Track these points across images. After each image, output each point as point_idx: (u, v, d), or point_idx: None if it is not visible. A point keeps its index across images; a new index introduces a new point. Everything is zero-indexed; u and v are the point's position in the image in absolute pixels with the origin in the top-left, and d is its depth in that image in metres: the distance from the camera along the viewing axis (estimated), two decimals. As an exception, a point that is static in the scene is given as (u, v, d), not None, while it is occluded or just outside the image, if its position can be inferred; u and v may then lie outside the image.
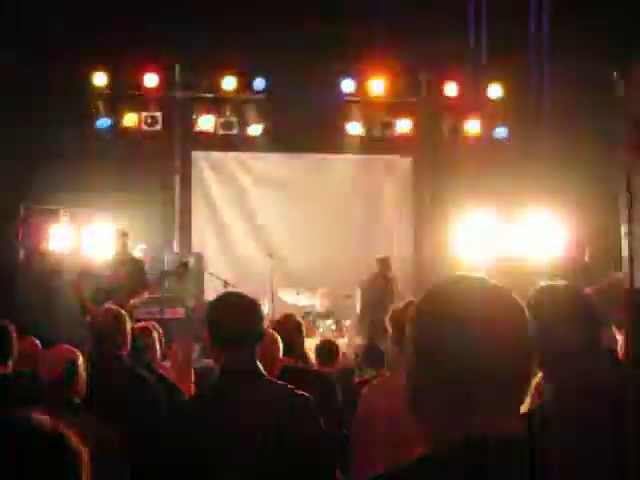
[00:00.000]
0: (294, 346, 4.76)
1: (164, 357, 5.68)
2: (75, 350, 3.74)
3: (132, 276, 8.92)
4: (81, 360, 3.67)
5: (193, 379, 5.37)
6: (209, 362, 5.25)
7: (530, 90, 10.88)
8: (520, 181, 10.71)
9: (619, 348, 5.23)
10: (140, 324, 5.57)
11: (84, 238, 10.39)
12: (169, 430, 3.06)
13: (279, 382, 3.13)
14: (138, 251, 9.81)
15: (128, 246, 9.14)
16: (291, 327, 4.85)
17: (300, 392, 3.02)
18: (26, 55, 9.51)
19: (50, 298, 9.76)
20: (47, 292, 9.83)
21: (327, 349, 6.00)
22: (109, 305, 5.51)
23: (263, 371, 3.02)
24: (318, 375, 4.92)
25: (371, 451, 3.39)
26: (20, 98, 9.66)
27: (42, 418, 1.54)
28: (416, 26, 10.05)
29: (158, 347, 5.29)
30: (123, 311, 4.70)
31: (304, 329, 5.09)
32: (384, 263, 10.49)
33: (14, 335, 4.38)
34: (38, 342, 5.30)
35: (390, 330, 3.82)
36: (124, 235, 9.09)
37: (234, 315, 3.00)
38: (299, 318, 5.13)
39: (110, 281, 8.82)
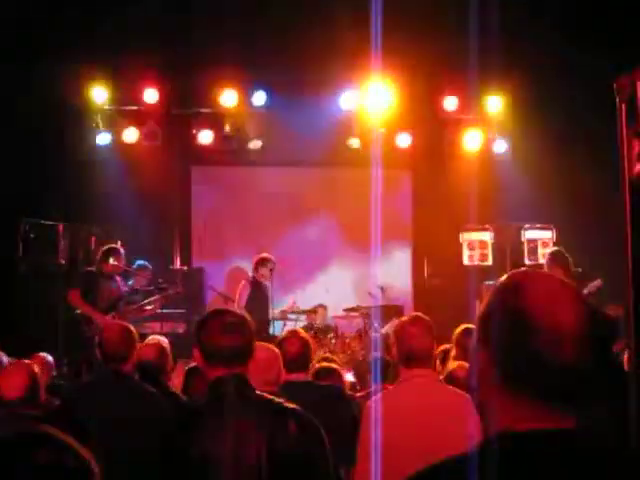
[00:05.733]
0: (303, 361, 4.74)
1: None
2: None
3: (130, 290, 8.93)
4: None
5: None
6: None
7: (530, 103, 10.89)
8: (520, 195, 10.70)
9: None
10: (149, 340, 5.51)
11: (83, 253, 10.37)
12: (155, 450, 3.01)
13: (272, 397, 3.05)
14: (138, 265, 9.76)
15: (125, 260, 9.10)
16: (298, 342, 4.80)
17: (292, 406, 2.97)
18: (25, 71, 9.52)
19: (50, 313, 9.74)
20: (47, 307, 9.81)
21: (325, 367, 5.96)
22: (117, 320, 5.48)
23: (253, 387, 2.98)
24: (330, 389, 4.89)
25: (373, 461, 3.37)
26: (20, 113, 9.67)
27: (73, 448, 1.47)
28: (415, 40, 10.06)
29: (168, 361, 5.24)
30: (131, 326, 4.68)
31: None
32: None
33: None
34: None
35: (395, 343, 3.79)
36: (119, 250, 9.05)
37: (223, 333, 2.94)
38: (304, 333, 5.05)
39: (109, 294, 8.80)
